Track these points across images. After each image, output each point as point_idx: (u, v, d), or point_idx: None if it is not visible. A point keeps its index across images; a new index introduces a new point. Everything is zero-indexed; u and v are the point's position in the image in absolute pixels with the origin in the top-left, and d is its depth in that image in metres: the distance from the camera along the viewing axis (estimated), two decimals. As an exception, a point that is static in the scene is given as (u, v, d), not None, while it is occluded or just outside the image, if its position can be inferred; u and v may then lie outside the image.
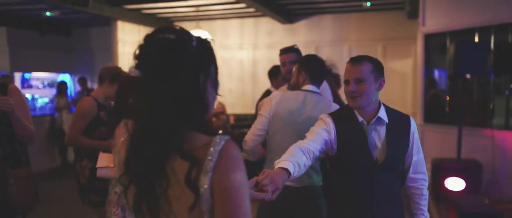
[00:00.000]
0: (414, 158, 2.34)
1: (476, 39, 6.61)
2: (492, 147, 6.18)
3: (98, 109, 3.64)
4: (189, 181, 1.18)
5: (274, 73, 4.84)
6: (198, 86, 1.26)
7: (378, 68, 2.29)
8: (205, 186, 1.18)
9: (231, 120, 5.73)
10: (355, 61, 2.28)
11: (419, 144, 2.37)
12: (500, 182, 6.22)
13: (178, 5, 8.78)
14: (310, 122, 2.59)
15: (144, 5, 8.86)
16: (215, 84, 1.34)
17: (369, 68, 2.25)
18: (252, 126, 3.06)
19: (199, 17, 9.51)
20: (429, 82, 7.78)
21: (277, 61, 3.99)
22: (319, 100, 3.00)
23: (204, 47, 1.30)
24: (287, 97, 3.04)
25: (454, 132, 6.19)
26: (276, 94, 3.12)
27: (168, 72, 1.23)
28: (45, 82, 10.40)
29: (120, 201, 3.02)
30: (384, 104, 2.37)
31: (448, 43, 6.98)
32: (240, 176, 1.19)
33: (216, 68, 1.34)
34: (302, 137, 2.36)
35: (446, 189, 5.55)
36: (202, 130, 1.26)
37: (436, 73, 7.96)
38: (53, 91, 9.87)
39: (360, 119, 2.29)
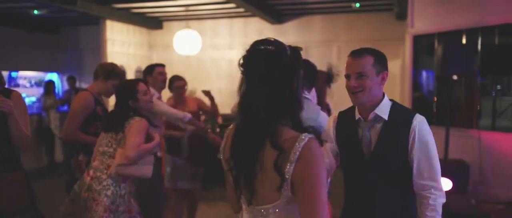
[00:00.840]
0: (416, 160, 2.11)
1: (464, 41, 6.67)
2: (479, 148, 6.23)
3: (95, 103, 3.67)
4: (276, 166, 1.46)
5: None
6: (293, 87, 1.55)
7: (380, 61, 2.16)
8: (289, 173, 1.45)
9: (220, 120, 5.72)
10: (356, 54, 2.15)
11: (429, 147, 2.14)
12: (486, 182, 6.27)
13: (167, 4, 8.74)
14: None
15: (133, 4, 8.81)
16: (303, 84, 1.63)
17: (370, 61, 2.13)
18: None
19: (188, 17, 9.48)
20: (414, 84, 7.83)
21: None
22: (308, 106, 3.01)
23: (296, 54, 1.60)
24: None
25: (441, 132, 6.24)
26: None
27: (269, 77, 1.52)
28: (33, 81, 10.31)
29: (113, 207, 3.02)
30: (392, 101, 2.24)
31: (436, 44, 7.03)
32: (317, 169, 1.45)
33: (302, 71, 1.62)
34: None
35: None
36: (297, 125, 1.53)
37: (424, 74, 8.01)
38: (41, 90, 9.78)
39: (357, 116, 2.24)
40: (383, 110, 2.19)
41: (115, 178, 3.04)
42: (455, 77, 6.21)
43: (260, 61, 1.55)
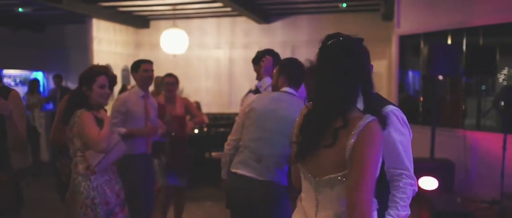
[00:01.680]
0: (387, 152, 2.09)
1: (449, 42, 6.74)
2: (464, 147, 6.30)
3: None
4: (335, 137, 1.69)
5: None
6: (366, 73, 1.82)
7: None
8: (349, 146, 1.66)
9: (206, 119, 5.71)
10: None
11: (397, 139, 2.16)
12: (471, 181, 6.35)
13: (155, 3, 8.71)
14: (283, 119, 2.92)
15: (120, 3, 8.76)
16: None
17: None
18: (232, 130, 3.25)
19: (175, 16, 9.45)
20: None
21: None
22: (292, 100, 3.09)
23: (362, 46, 1.91)
24: (261, 98, 3.22)
25: (427, 132, 6.30)
26: (251, 97, 3.28)
27: (344, 66, 1.76)
28: (18, 80, 10.19)
29: (88, 201, 3.01)
30: (375, 93, 2.17)
31: (422, 45, 7.10)
32: (371, 148, 1.66)
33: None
34: (270, 133, 2.94)
35: (420, 188, 5.63)
36: (370, 103, 1.78)
37: (410, 74, 8.08)
38: (26, 89, 9.67)
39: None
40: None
41: (83, 174, 3.03)
42: (440, 77, 6.28)
43: (335, 53, 1.80)
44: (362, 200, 1.62)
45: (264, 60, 3.69)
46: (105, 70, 3.26)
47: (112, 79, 3.29)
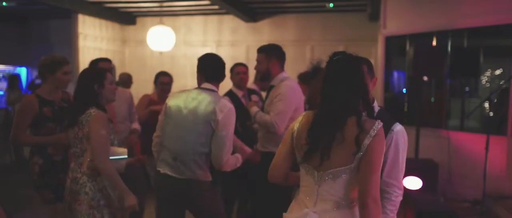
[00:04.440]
0: (389, 161, 2.31)
1: (434, 43, 6.80)
2: (448, 148, 6.37)
3: (40, 105, 3.47)
4: (357, 140, 1.97)
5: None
6: (365, 86, 2.12)
7: (371, 69, 2.39)
8: (366, 145, 1.97)
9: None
10: None
11: (399, 154, 2.34)
12: (454, 181, 6.42)
13: (141, 0, 8.66)
14: (197, 116, 3.01)
15: (106, -1, 8.70)
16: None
17: (364, 69, 2.28)
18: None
19: (162, 13, 9.40)
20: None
21: (240, 59, 4.05)
22: (207, 97, 3.10)
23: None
24: (176, 96, 3.23)
25: (412, 132, 6.34)
26: (172, 93, 3.33)
27: (349, 79, 2.05)
28: (1, 75, 10.06)
29: (94, 203, 2.97)
30: (380, 107, 2.45)
31: (407, 46, 7.16)
32: (382, 148, 2.03)
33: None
34: (184, 131, 3.01)
35: (404, 187, 5.68)
36: (369, 114, 2.10)
37: (396, 74, 8.14)
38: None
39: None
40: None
41: (90, 174, 2.97)
42: (425, 78, 6.33)
43: (343, 68, 2.08)
44: (373, 201, 1.95)
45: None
46: (109, 66, 3.28)
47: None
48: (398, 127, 2.38)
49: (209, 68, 3.22)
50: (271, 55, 3.90)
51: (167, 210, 3.24)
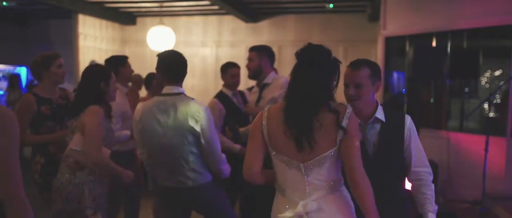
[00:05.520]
0: (413, 152, 2.45)
1: (434, 44, 6.80)
2: (447, 148, 6.38)
3: (38, 103, 3.47)
4: (338, 122, 2.04)
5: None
6: (334, 78, 2.16)
7: (375, 73, 2.43)
8: (346, 124, 2.04)
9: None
10: (355, 67, 2.41)
11: (418, 141, 2.49)
12: (454, 182, 6.43)
13: (141, 0, 8.66)
14: (173, 128, 2.86)
15: (106, -1, 8.70)
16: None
17: (367, 74, 2.39)
18: None
19: (162, 13, 9.39)
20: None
21: (240, 59, 4.07)
22: (176, 103, 2.95)
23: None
24: (146, 109, 3.04)
25: (411, 133, 6.35)
26: (138, 109, 3.15)
27: (323, 66, 2.10)
28: (1, 75, 10.06)
29: (63, 193, 2.97)
30: (381, 105, 2.50)
31: (407, 46, 7.16)
32: (357, 129, 2.10)
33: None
34: (165, 146, 2.90)
35: (404, 188, 5.68)
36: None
37: (395, 75, 8.14)
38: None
39: (358, 120, 2.33)
40: (380, 113, 2.46)
41: (71, 166, 2.97)
42: (424, 79, 6.34)
43: (317, 55, 2.12)
44: (363, 176, 2.02)
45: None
46: (110, 69, 3.30)
47: None
48: (409, 118, 2.48)
49: (172, 67, 3.03)
50: (262, 53, 4.00)
51: (173, 215, 3.24)
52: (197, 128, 2.92)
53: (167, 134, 2.93)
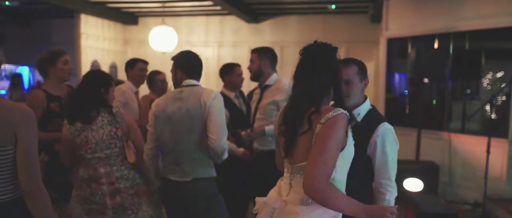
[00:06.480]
0: (377, 161, 2.40)
1: (436, 45, 6.80)
2: (448, 150, 6.38)
3: (48, 100, 3.49)
4: (310, 121, 1.96)
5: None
6: (337, 76, 2.11)
7: (362, 70, 2.47)
8: (315, 133, 1.92)
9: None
10: (343, 64, 2.41)
11: (387, 154, 2.39)
12: (455, 183, 6.42)
13: (143, 0, 8.67)
14: (185, 115, 2.96)
15: (109, -1, 8.71)
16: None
17: (355, 70, 2.43)
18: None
19: (164, 13, 9.40)
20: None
21: (242, 60, 4.08)
22: (191, 93, 3.06)
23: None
24: (163, 99, 3.17)
25: (413, 134, 6.36)
26: (155, 102, 3.24)
27: (320, 66, 2.05)
28: (3, 74, 10.08)
29: (74, 192, 3.06)
30: (373, 107, 2.51)
31: (409, 48, 7.16)
32: (330, 135, 1.90)
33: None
34: (178, 134, 2.96)
35: (405, 189, 5.69)
36: (339, 104, 2.11)
37: (397, 76, 8.14)
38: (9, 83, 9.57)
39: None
40: (360, 113, 2.47)
41: (135, 168, 3.19)
42: (425, 80, 6.34)
43: (315, 56, 2.08)
44: (318, 174, 1.85)
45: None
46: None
47: None
48: (383, 127, 2.41)
49: (187, 64, 3.22)
50: (263, 55, 3.99)
51: (176, 216, 3.25)
52: (207, 105, 2.97)
53: (180, 121, 3.00)
